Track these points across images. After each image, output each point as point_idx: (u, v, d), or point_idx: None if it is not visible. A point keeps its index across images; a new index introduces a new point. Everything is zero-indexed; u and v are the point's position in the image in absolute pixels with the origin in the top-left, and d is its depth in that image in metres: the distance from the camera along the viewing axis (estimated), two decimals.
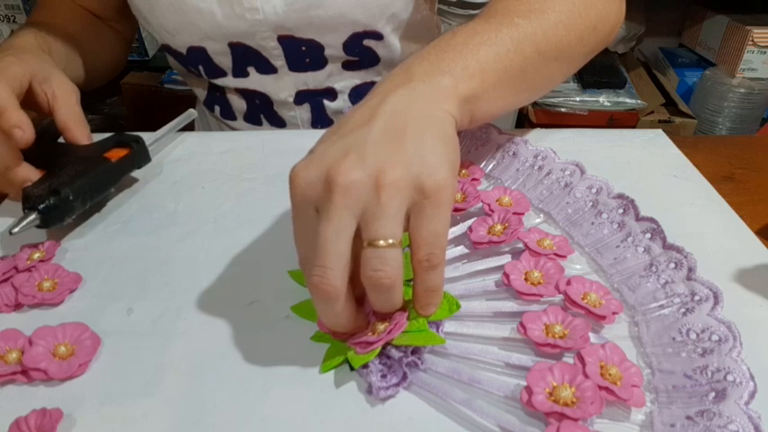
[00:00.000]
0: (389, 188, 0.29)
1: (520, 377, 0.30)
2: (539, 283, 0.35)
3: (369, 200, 0.29)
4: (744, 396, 0.28)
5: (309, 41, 0.56)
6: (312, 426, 0.29)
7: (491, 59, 0.38)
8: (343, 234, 0.29)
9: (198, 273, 0.39)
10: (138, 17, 0.59)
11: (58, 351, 0.32)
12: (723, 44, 1.40)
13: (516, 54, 0.39)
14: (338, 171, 0.29)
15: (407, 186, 0.29)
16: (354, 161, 0.29)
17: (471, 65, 0.37)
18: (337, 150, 0.30)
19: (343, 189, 0.28)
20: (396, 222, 0.29)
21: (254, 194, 0.46)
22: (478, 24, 0.40)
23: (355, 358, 0.31)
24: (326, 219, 0.29)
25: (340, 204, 0.28)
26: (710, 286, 0.34)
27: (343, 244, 0.29)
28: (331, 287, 0.28)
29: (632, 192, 0.41)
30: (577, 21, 0.43)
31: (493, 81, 0.38)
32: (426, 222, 0.29)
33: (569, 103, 1.31)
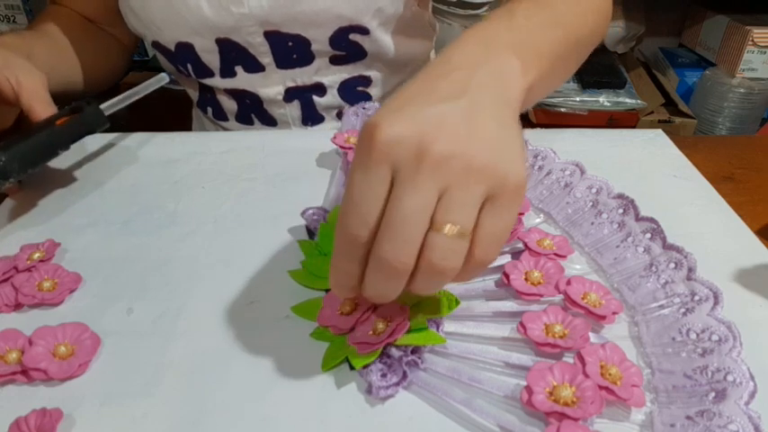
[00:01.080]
0: (480, 174, 0.27)
1: (520, 377, 0.30)
2: (539, 283, 0.35)
3: (458, 180, 0.27)
4: (744, 396, 0.28)
5: (296, 36, 0.56)
6: (312, 426, 0.29)
7: (547, 45, 0.37)
8: (425, 212, 0.26)
9: (198, 273, 0.39)
10: (127, 15, 0.59)
11: (57, 351, 0.32)
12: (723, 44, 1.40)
13: (563, 39, 0.39)
14: (435, 140, 0.27)
15: (495, 175, 0.27)
16: (451, 134, 0.27)
17: (537, 48, 0.36)
18: (431, 116, 0.28)
19: (438, 161, 0.26)
20: (473, 211, 0.27)
21: (254, 194, 0.46)
22: (530, 7, 0.38)
23: (356, 358, 0.31)
24: (412, 189, 0.26)
25: (429, 177, 0.26)
26: (710, 286, 0.34)
27: (423, 223, 0.27)
28: (403, 265, 0.26)
29: (632, 192, 0.41)
30: (598, 8, 0.45)
31: (547, 70, 0.36)
32: (498, 218, 0.28)
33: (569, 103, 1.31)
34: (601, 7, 0.46)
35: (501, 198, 0.27)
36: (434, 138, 0.27)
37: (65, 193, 0.48)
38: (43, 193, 0.48)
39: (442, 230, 0.26)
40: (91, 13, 0.65)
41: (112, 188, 0.48)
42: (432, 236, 0.27)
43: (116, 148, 0.53)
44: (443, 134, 0.27)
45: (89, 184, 0.49)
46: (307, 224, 0.42)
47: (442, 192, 0.27)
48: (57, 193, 0.48)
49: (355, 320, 0.33)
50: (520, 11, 0.37)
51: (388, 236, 0.26)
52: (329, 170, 0.49)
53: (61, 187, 0.49)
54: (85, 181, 0.49)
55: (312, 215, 0.42)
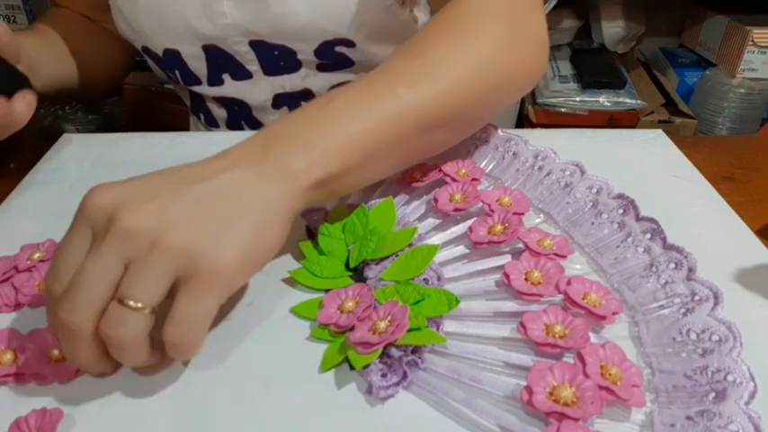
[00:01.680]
0: (164, 251, 0.27)
1: (520, 377, 0.30)
2: (539, 283, 0.35)
3: (139, 254, 0.27)
4: (744, 396, 0.28)
5: (281, 47, 0.56)
6: (312, 426, 0.29)
7: (360, 133, 0.35)
8: (105, 277, 0.27)
9: None
10: (118, 20, 0.59)
11: (52, 354, 0.32)
12: (723, 44, 1.40)
13: (392, 127, 0.36)
14: (127, 212, 0.28)
15: (183, 256, 0.28)
16: (151, 210, 0.28)
17: (336, 143, 0.34)
18: (148, 191, 0.29)
19: (119, 231, 0.27)
20: (154, 288, 0.27)
21: None
22: (358, 92, 0.36)
23: (356, 358, 0.31)
24: (94, 255, 0.28)
25: (111, 245, 0.27)
26: (710, 286, 0.34)
27: (102, 289, 0.27)
28: (77, 327, 0.27)
29: (632, 192, 0.41)
30: (475, 85, 0.39)
31: (359, 157, 0.35)
32: (186, 301, 0.28)
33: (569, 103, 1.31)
34: (478, 82, 0.39)
35: (193, 280, 0.28)
36: (129, 211, 0.28)
37: (65, 194, 0.48)
38: (43, 193, 0.48)
39: (121, 301, 0.27)
40: (92, 11, 0.65)
41: None
42: (110, 305, 0.27)
43: (116, 148, 0.53)
44: (142, 209, 0.28)
45: (89, 184, 0.49)
46: (307, 224, 0.42)
47: (127, 264, 0.28)
48: (57, 193, 0.48)
49: (356, 319, 0.33)
50: (339, 99, 0.36)
51: (66, 296, 0.27)
52: None
53: (61, 187, 0.49)
54: (86, 181, 0.49)
55: (312, 215, 0.42)
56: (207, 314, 0.29)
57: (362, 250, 0.38)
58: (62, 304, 0.27)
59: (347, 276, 0.37)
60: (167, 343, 0.28)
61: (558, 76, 1.37)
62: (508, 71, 0.41)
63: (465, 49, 0.39)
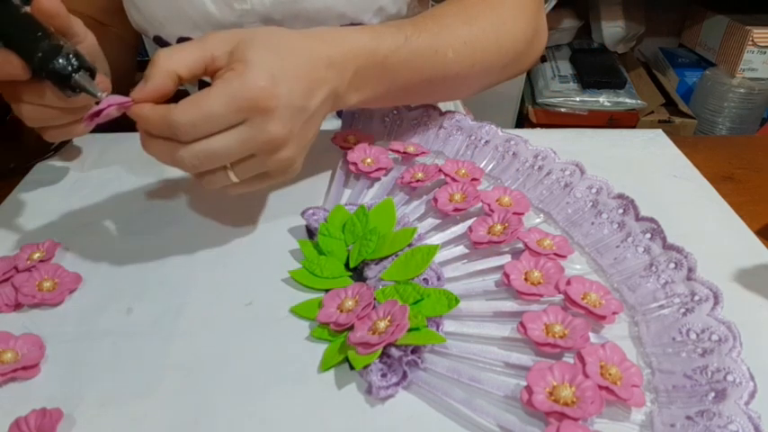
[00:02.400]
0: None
1: (520, 377, 0.30)
2: (539, 282, 0.35)
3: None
4: (744, 396, 0.28)
5: None
6: (312, 426, 0.29)
7: (414, 80, 0.44)
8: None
9: (197, 273, 0.39)
10: (129, 10, 0.59)
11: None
12: (723, 44, 1.40)
13: (437, 82, 0.46)
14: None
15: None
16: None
17: (397, 84, 0.44)
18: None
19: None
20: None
21: (254, 194, 0.46)
22: (425, 40, 0.44)
23: (356, 359, 0.31)
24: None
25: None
26: (710, 286, 0.34)
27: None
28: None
29: (632, 192, 0.41)
30: (502, 62, 0.49)
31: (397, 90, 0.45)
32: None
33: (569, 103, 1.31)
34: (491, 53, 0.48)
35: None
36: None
37: (65, 193, 0.48)
38: (43, 193, 0.48)
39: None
40: (95, 12, 0.65)
41: (112, 188, 0.48)
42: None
43: (116, 148, 0.53)
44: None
45: (89, 184, 0.49)
46: (307, 224, 0.42)
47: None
48: (57, 193, 0.48)
49: (355, 317, 0.33)
50: (414, 41, 0.43)
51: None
52: (329, 170, 0.49)
53: (61, 187, 0.49)
54: (85, 181, 0.49)
55: (312, 215, 0.42)
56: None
57: (362, 250, 0.38)
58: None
59: (347, 276, 0.37)
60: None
61: (557, 76, 1.37)
62: (525, 61, 0.52)
63: (502, 32, 0.48)
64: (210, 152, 0.33)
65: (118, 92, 0.38)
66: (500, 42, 0.48)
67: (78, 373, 0.32)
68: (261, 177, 0.37)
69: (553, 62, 1.43)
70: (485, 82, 0.51)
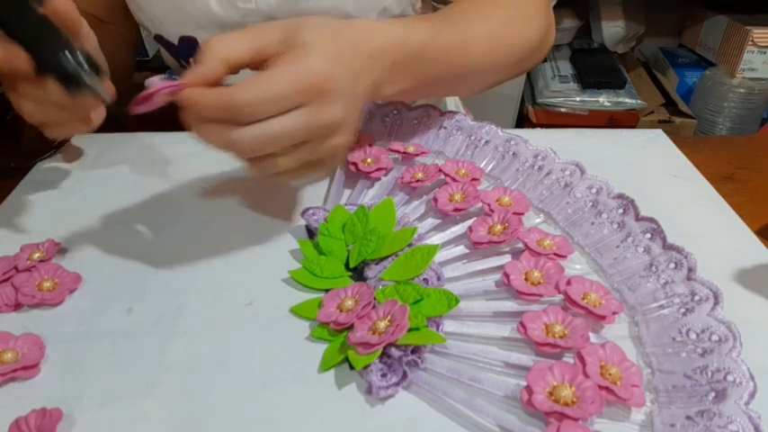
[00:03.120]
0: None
1: (520, 377, 0.30)
2: (539, 282, 0.35)
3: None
4: (744, 396, 0.28)
5: None
6: (312, 426, 0.29)
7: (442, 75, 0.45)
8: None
9: (198, 273, 0.39)
10: (131, 6, 0.59)
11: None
12: (723, 44, 1.40)
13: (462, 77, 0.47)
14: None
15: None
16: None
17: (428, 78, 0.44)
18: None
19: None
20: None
21: (255, 194, 0.46)
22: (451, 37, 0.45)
23: (357, 359, 0.31)
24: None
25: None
26: (710, 286, 0.34)
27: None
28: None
29: (632, 192, 0.41)
30: (522, 57, 0.51)
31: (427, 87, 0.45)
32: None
33: (569, 103, 1.31)
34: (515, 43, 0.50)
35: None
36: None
37: (65, 193, 0.48)
38: (43, 194, 0.48)
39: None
40: (96, 10, 0.65)
41: (112, 188, 0.48)
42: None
43: (116, 148, 0.53)
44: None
45: (89, 184, 0.49)
46: (307, 224, 0.42)
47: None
48: (57, 193, 0.48)
49: (355, 317, 0.33)
50: (441, 39, 0.43)
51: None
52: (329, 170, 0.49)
53: (61, 187, 0.49)
54: (85, 181, 0.49)
55: (312, 215, 0.42)
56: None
57: (362, 250, 0.38)
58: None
59: (347, 276, 0.37)
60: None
61: (558, 76, 1.37)
62: (537, 56, 0.54)
63: (517, 28, 0.50)
64: (269, 134, 0.33)
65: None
66: (515, 38, 0.49)
67: (78, 373, 0.32)
68: (310, 166, 0.36)
69: (553, 62, 1.43)
70: (501, 77, 0.52)
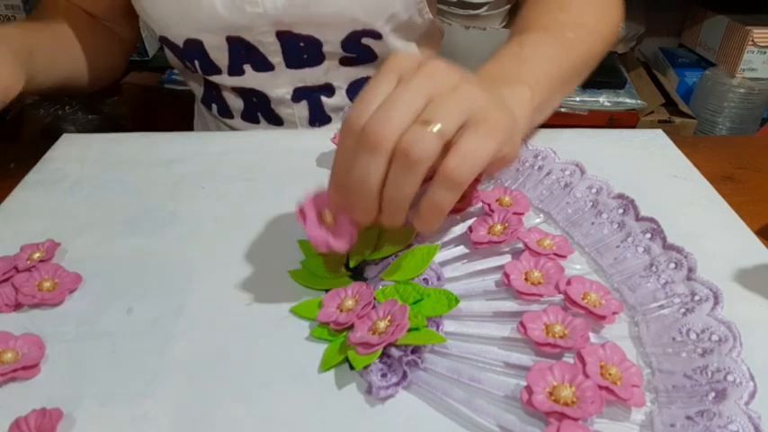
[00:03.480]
0: (465, 93, 0.31)
1: (520, 377, 0.30)
2: (539, 282, 0.35)
3: (445, 90, 0.31)
4: (744, 396, 0.28)
5: (308, 38, 0.56)
6: (312, 426, 0.29)
7: (554, 72, 0.42)
8: (413, 104, 0.30)
9: (198, 273, 0.39)
10: (136, 7, 0.59)
11: (326, 218, 0.33)
12: (723, 44, 1.40)
13: (569, 65, 0.44)
14: (434, 64, 0.32)
15: (479, 101, 0.31)
16: (451, 69, 0.32)
17: (542, 78, 0.41)
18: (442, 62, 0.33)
19: (430, 70, 0.31)
20: (453, 119, 0.30)
21: (254, 194, 0.46)
22: (539, 36, 0.44)
23: (357, 359, 0.31)
24: (407, 86, 0.31)
25: (422, 80, 0.31)
26: (710, 286, 0.34)
27: (410, 113, 0.30)
28: (385, 140, 0.30)
29: (632, 192, 0.41)
30: (604, 28, 0.49)
31: (553, 91, 0.42)
32: (472, 138, 0.31)
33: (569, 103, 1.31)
34: (606, 25, 0.50)
35: (482, 124, 0.31)
36: (434, 63, 0.32)
37: (65, 193, 0.48)
38: (43, 194, 0.48)
39: (422, 123, 0.30)
40: (92, 8, 0.65)
41: (112, 188, 0.48)
42: (411, 126, 0.30)
43: (116, 148, 0.53)
44: (445, 66, 0.32)
45: (89, 184, 0.49)
46: None
47: (430, 98, 0.31)
48: (57, 193, 0.48)
49: (355, 316, 0.33)
50: (529, 42, 0.43)
51: (375, 115, 0.30)
52: (329, 170, 0.49)
53: (61, 187, 0.49)
54: (85, 181, 0.49)
55: None
56: (486, 156, 0.31)
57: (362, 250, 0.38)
58: (373, 121, 0.30)
59: (347, 276, 0.37)
60: (444, 172, 0.30)
61: None
62: (615, 19, 0.52)
63: (597, 9, 0.50)
64: (389, 103, 0.31)
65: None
66: (598, 25, 0.49)
67: (78, 373, 0.32)
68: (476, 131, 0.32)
69: None
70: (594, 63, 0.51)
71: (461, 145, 0.31)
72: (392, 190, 0.31)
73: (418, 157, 0.29)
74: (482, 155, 0.31)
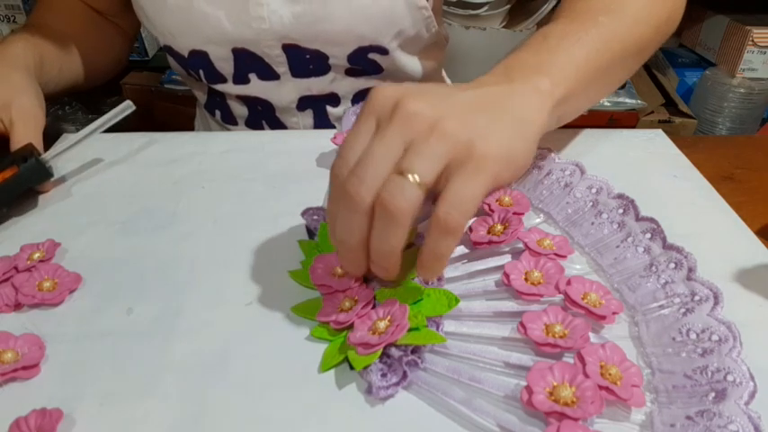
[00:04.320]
0: (444, 133, 0.30)
1: (520, 377, 0.30)
2: (539, 283, 0.35)
3: (420, 135, 0.30)
4: (744, 396, 0.28)
5: (314, 51, 0.56)
6: (312, 426, 0.29)
7: (582, 61, 0.39)
8: (388, 157, 0.30)
9: (198, 273, 0.39)
10: (140, 17, 0.59)
11: (336, 271, 0.34)
12: (723, 44, 1.40)
13: (604, 53, 0.40)
14: (409, 99, 0.31)
15: (459, 141, 0.30)
16: (428, 101, 0.31)
17: (567, 67, 0.38)
18: (420, 92, 0.32)
19: (403, 115, 0.30)
20: (431, 166, 0.30)
21: (254, 194, 0.46)
22: (566, 25, 0.41)
23: (357, 359, 0.31)
24: (380, 137, 0.30)
25: (396, 128, 0.30)
26: (710, 286, 0.34)
27: (386, 167, 0.30)
28: (360, 198, 0.29)
29: (632, 192, 0.41)
30: (654, 14, 0.44)
31: (584, 82, 0.39)
32: (459, 182, 0.30)
33: None
34: (657, 8, 0.45)
35: (465, 162, 0.30)
36: (413, 98, 0.31)
37: (65, 193, 0.48)
38: (43, 194, 0.48)
39: (400, 173, 0.29)
40: (97, 3, 0.65)
41: (112, 188, 0.48)
42: (389, 177, 0.30)
43: (116, 148, 0.53)
44: (421, 99, 0.31)
45: (89, 184, 0.49)
46: (307, 224, 0.42)
47: (408, 145, 0.30)
48: (57, 193, 0.48)
49: (355, 315, 0.33)
50: (554, 33, 0.40)
51: (353, 171, 0.30)
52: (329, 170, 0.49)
53: (61, 187, 0.49)
54: (85, 181, 0.49)
55: (312, 215, 0.42)
56: (476, 197, 0.30)
57: None
58: (349, 179, 0.30)
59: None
60: (438, 222, 0.30)
61: None
62: (674, 4, 0.47)
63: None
64: (365, 158, 0.31)
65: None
66: (643, 9, 0.44)
67: (78, 373, 0.32)
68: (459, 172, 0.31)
69: None
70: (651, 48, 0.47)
71: (448, 190, 0.30)
72: (377, 243, 0.31)
73: (398, 210, 0.29)
74: (471, 196, 0.30)
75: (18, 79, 0.51)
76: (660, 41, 0.47)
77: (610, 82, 0.45)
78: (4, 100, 0.48)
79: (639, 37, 0.43)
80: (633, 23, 0.42)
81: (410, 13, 0.55)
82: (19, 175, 0.44)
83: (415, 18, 0.56)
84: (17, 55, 0.54)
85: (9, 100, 0.48)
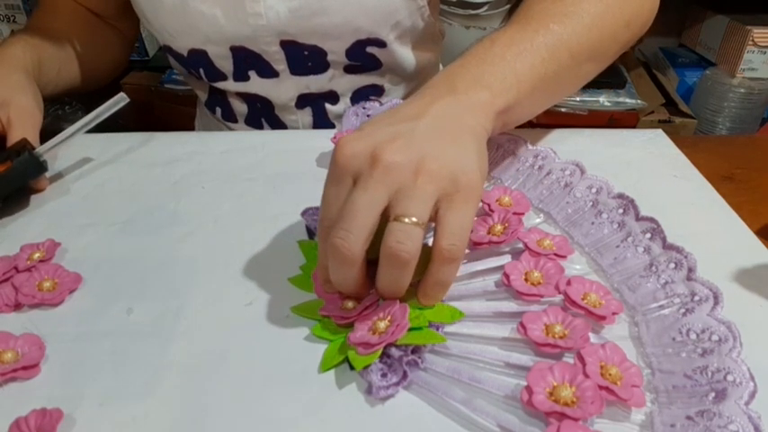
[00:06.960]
0: (427, 175, 0.31)
1: (520, 377, 0.30)
2: (539, 283, 0.35)
3: (405, 181, 0.31)
4: (744, 396, 0.28)
5: (312, 47, 0.56)
6: (312, 426, 0.29)
7: (527, 70, 0.39)
8: (374, 207, 0.30)
9: (198, 273, 0.39)
10: (140, 17, 0.59)
11: (346, 306, 0.34)
12: (723, 44, 1.40)
13: (551, 61, 0.40)
14: (384, 150, 0.31)
15: (443, 178, 0.31)
16: (401, 146, 0.32)
17: (509, 77, 0.38)
18: (386, 133, 0.32)
19: (385, 166, 0.31)
20: (425, 206, 0.31)
21: (254, 194, 0.46)
22: (515, 32, 0.41)
23: (357, 359, 0.31)
24: (363, 189, 0.31)
25: (379, 179, 0.31)
26: (710, 286, 0.34)
27: (372, 216, 0.30)
28: (350, 252, 0.30)
29: (632, 192, 0.41)
30: (611, 19, 0.44)
31: (528, 91, 0.39)
32: (453, 214, 0.31)
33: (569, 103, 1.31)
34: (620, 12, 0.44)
35: (454, 195, 0.31)
36: (384, 149, 0.31)
37: (65, 193, 0.48)
38: (43, 194, 0.48)
39: (398, 219, 0.30)
40: (96, 7, 0.65)
41: (112, 188, 0.48)
42: (389, 224, 0.30)
43: (116, 148, 0.53)
44: (394, 146, 0.31)
45: (89, 184, 0.49)
46: (307, 224, 0.42)
47: (394, 193, 0.31)
48: (57, 193, 0.48)
49: (358, 313, 0.33)
50: (502, 40, 0.40)
51: (338, 225, 0.30)
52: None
53: (61, 187, 0.49)
54: (85, 181, 0.49)
55: (312, 215, 0.42)
56: (470, 223, 0.32)
57: None
58: (336, 232, 0.30)
59: None
60: (441, 254, 0.31)
61: None
62: (635, 9, 0.46)
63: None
64: (349, 210, 0.31)
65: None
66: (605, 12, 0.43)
67: (78, 373, 0.32)
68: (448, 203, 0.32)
69: None
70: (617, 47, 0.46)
71: (446, 223, 0.31)
72: (387, 286, 0.32)
73: (408, 255, 0.30)
74: (467, 225, 0.32)
75: (17, 79, 0.51)
76: (623, 46, 0.47)
77: (559, 89, 0.45)
78: (3, 99, 0.48)
79: (593, 44, 0.43)
80: (586, 30, 0.42)
81: (405, 2, 0.55)
82: (12, 169, 0.44)
83: (411, 8, 0.56)
84: (16, 56, 0.54)
85: (7, 99, 0.48)
